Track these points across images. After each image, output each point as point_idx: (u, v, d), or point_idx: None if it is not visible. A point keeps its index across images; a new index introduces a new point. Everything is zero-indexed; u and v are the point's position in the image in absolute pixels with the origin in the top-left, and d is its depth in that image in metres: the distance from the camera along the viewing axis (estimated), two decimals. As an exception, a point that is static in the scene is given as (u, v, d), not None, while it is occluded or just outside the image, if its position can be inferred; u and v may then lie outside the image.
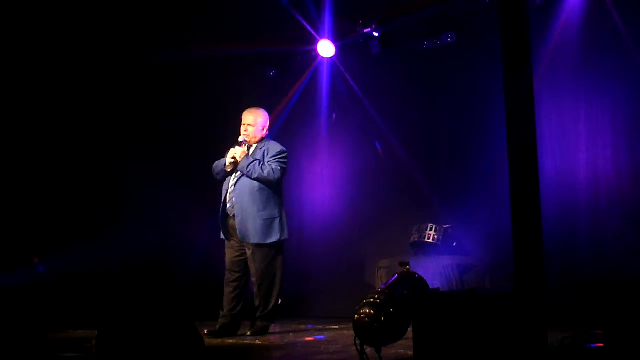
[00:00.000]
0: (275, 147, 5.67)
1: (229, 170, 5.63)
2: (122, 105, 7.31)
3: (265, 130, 5.72)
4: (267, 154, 5.62)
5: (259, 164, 5.54)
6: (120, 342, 3.42)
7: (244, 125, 5.68)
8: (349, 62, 7.50)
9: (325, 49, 7.32)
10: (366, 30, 7.11)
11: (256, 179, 5.52)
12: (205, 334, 5.25)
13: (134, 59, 7.08)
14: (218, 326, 5.55)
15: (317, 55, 7.45)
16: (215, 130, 7.34)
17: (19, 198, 6.82)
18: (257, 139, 5.70)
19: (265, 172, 5.51)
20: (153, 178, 7.22)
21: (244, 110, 5.76)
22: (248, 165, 5.52)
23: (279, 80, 8.00)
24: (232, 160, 5.60)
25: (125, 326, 3.46)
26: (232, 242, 5.64)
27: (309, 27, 7.21)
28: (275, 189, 5.63)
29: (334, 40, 7.34)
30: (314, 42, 7.35)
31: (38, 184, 6.94)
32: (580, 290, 5.58)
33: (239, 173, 5.59)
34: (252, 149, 5.68)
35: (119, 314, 3.61)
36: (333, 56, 7.42)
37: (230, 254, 5.66)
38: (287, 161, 5.69)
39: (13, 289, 6.37)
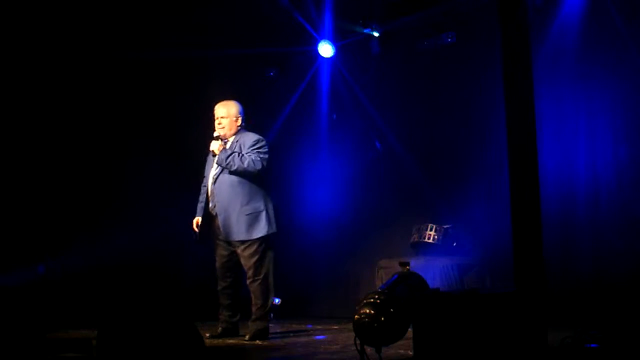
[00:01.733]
0: (251, 138, 5.41)
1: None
2: (122, 105, 7.30)
3: (240, 121, 5.48)
4: (244, 146, 5.38)
5: (238, 155, 5.31)
6: (120, 342, 3.42)
7: (217, 118, 5.47)
8: (349, 62, 7.50)
9: (325, 49, 7.32)
10: (366, 30, 7.12)
11: (235, 172, 5.30)
12: (207, 337, 5.23)
13: (134, 59, 7.07)
14: (220, 330, 5.50)
15: (317, 55, 7.45)
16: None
17: (18, 198, 6.80)
18: (233, 132, 5.45)
19: (245, 163, 5.26)
20: (154, 178, 7.21)
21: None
22: (227, 158, 5.29)
23: (279, 80, 8.00)
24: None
25: (126, 326, 3.46)
26: (219, 248, 5.47)
27: (309, 27, 7.21)
28: (259, 182, 5.38)
29: (334, 40, 7.34)
30: (314, 42, 7.35)
31: (38, 184, 6.92)
32: (580, 290, 5.58)
33: (217, 169, 5.40)
34: (228, 143, 5.44)
35: (119, 314, 3.61)
36: (333, 56, 7.42)
37: (219, 260, 5.50)
38: (267, 150, 5.40)
39: (13, 289, 6.36)
